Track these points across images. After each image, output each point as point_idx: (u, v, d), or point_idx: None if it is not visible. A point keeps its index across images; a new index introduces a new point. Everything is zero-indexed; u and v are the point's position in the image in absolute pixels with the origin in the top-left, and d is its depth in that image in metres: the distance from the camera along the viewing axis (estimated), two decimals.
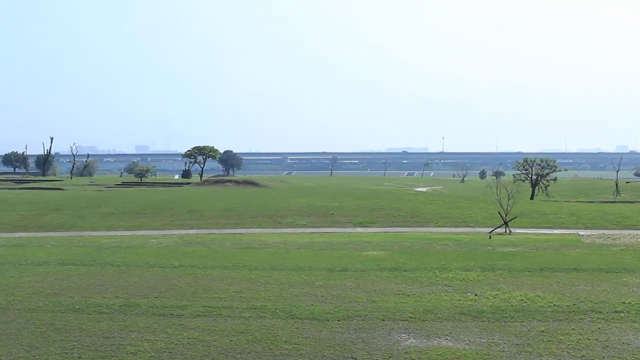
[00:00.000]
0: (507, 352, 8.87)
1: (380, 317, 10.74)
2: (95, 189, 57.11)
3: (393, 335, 9.70)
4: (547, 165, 45.87)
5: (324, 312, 10.97)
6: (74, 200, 37.59)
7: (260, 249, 19.25)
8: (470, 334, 9.80)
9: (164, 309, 11.26)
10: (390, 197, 39.47)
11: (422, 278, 14.10)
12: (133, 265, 15.89)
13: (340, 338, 9.54)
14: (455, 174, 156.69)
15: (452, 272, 14.72)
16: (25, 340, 9.38)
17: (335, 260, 16.63)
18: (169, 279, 13.92)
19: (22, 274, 14.64)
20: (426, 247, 19.55)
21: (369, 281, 13.77)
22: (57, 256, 17.70)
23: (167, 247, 19.84)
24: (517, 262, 16.31)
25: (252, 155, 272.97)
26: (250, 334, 9.70)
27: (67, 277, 14.32)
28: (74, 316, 10.81)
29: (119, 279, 13.98)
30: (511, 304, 11.66)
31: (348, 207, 33.02)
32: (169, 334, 9.71)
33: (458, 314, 10.91)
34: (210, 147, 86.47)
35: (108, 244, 20.78)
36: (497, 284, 13.49)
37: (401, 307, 11.37)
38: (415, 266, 15.62)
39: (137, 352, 8.82)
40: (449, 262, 16.17)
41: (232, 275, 14.36)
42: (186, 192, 45.95)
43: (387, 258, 17.13)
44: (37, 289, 12.92)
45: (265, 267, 15.46)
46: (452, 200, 38.19)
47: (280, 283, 13.51)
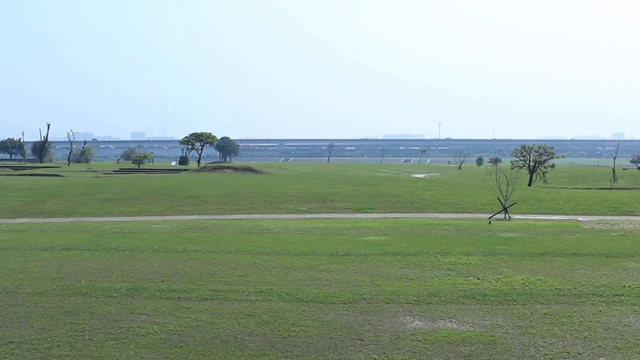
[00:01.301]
0: (511, 334, 9.02)
1: (385, 300, 10.89)
2: (93, 175, 57.10)
3: (398, 318, 9.84)
4: (544, 152, 45.99)
5: (330, 296, 11.11)
6: (73, 187, 37.65)
7: (262, 234, 19.37)
8: (474, 316, 9.95)
9: (170, 292, 11.39)
10: (388, 183, 39.61)
11: (425, 262, 14.25)
12: (137, 250, 16.02)
13: (347, 320, 9.68)
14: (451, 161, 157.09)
15: (454, 257, 14.87)
16: (36, 323, 9.51)
17: (338, 245, 16.77)
18: (173, 264, 14.05)
19: (27, 259, 14.75)
20: (427, 232, 19.69)
21: (372, 265, 13.91)
22: (61, 241, 17.80)
23: (170, 232, 19.95)
24: (517, 247, 16.46)
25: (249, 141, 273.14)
26: (258, 317, 9.83)
27: (72, 261, 14.44)
28: (82, 300, 10.93)
29: (124, 264, 14.10)
30: (513, 287, 11.81)
31: (347, 194, 33.15)
32: (178, 316, 9.84)
33: (462, 297, 11.06)
34: (208, 133, 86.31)
35: (110, 229, 20.89)
36: (499, 268, 13.64)
37: (405, 291, 11.51)
38: (417, 251, 15.77)
39: (147, 335, 8.95)
40: (450, 247, 16.32)
41: (236, 260, 14.49)
42: (185, 178, 46.00)
43: (389, 243, 17.27)
44: (44, 274, 13.03)
45: (269, 252, 15.59)
46: (451, 186, 38.34)
47: (285, 267, 13.64)
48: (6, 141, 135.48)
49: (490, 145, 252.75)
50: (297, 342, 8.65)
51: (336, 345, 8.53)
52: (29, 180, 44.41)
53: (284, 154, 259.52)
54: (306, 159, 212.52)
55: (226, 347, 8.43)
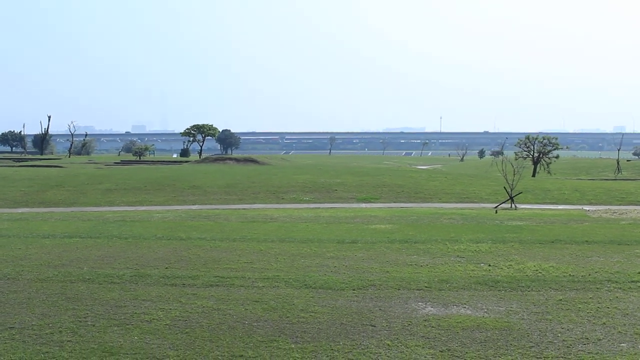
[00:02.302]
0: (527, 320, 8.74)
1: (395, 286, 10.61)
2: (94, 166, 56.82)
3: (410, 304, 9.56)
4: (549, 143, 45.65)
5: (338, 282, 10.83)
6: (74, 177, 37.38)
7: (266, 222, 19.10)
8: (488, 302, 9.68)
9: (175, 279, 11.10)
10: (392, 174, 39.32)
11: (434, 250, 13.98)
12: (140, 237, 15.74)
13: (357, 306, 9.40)
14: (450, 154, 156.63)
15: (463, 244, 14.59)
16: (37, 309, 9.23)
17: (344, 233, 16.49)
18: (177, 251, 13.77)
19: (28, 246, 14.48)
20: (433, 221, 19.41)
21: (380, 252, 13.63)
22: (63, 229, 17.54)
23: (173, 221, 19.67)
24: (527, 235, 16.18)
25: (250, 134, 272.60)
26: (265, 303, 9.55)
27: (74, 249, 14.17)
28: (84, 286, 10.66)
29: (127, 251, 13.83)
30: (526, 274, 11.53)
31: (351, 184, 32.85)
32: (183, 303, 9.56)
33: (474, 284, 10.78)
34: (209, 125, 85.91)
35: (112, 218, 20.61)
36: (510, 255, 13.36)
37: (416, 277, 11.23)
38: (425, 238, 15.49)
39: (152, 320, 8.67)
40: (458, 235, 16.04)
41: (241, 247, 14.21)
42: (187, 169, 45.70)
43: (395, 231, 16.99)
44: (46, 260, 12.76)
45: (274, 240, 15.31)
46: (455, 177, 38.04)
47: (291, 254, 13.36)
48: (7, 134, 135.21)
49: (491, 138, 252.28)
50: (306, 328, 8.38)
51: (347, 331, 8.25)
52: (30, 171, 44.17)
53: (285, 147, 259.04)
54: (307, 152, 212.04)
55: (234, 333, 8.15)
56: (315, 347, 7.65)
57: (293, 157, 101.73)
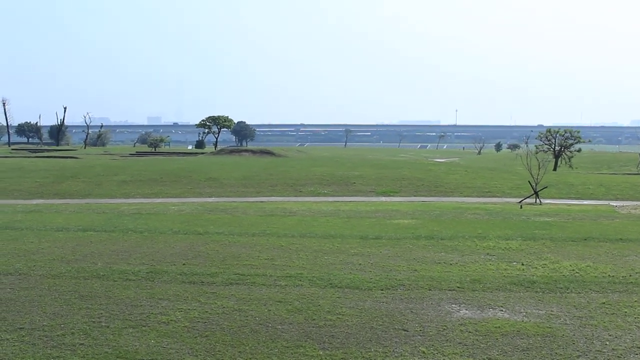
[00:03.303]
0: (570, 325, 8.13)
1: (425, 286, 10.02)
2: (110, 157, 56.58)
3: (443, 306, 8.98)
4: (570, 137, 44.73)
5: (365, 281, 10.26)
6: (89, 168, 37.05)
7: (285, 216, 18.54)
8: (526, 304, 9.07)
9: (193, 276, 10.58)
10: (411, 167, 38.64)
11: (462, 247, 13.36)
12: (156, 231, 15.23)
13: (387, 308, 8.83)
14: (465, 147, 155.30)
15: (491, 241, 13.96)
16: (49, 308, 8.74)
17: (367, 229, 15.90)
18: (195, 246, 13.25)
19: (41, 240, 14.03)
20: (458, 216, 18.77)
21: (406, 249, 13.04)
22: (77, 222, 17.09)
23: (189, 214, 19.17)
24: (557, 232, 15.51)
25: (264, 126, 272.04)
26: (289, 303, 9.00)
27: (88, 243, 13.69)
28: (98, 283, 10.16)
29: (142, 246, 13.32)
30: (562, 274, 10.90)
31: (369, 177, 32.25)
32: (202, 302, 9.03)
33: (508, 284, 10.17)
34: (225, 116, 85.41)
35: (127, 210, 20.15)
36: (542, 253, 12.72)
37: (446, 277, 10.64)
38: (451, 234, 14.87)
39: (169, 322, 8.15)
40: (485, 231, 15.40)
41: (261, 243, 13.67)
42: (203, 160, 45.28)
43: (420, 226, 16.38)
44: (58, 255, 12.29)
45: (295, 235, 14.75)
46: (475, 170, 37.30)
47: (313, 251, 12.80)
48: (23, 125, 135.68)
49: (507, 132, 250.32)
50: (334, 332, 7.82)
51: (378, 337, 7.68)
52: (46, 162, 43.94)
53: (300, 139, 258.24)
54: (322, 144, 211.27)
55: (257, 337, 7.61)
56: (344, 355, 7.09)
57: (308, 149, 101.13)
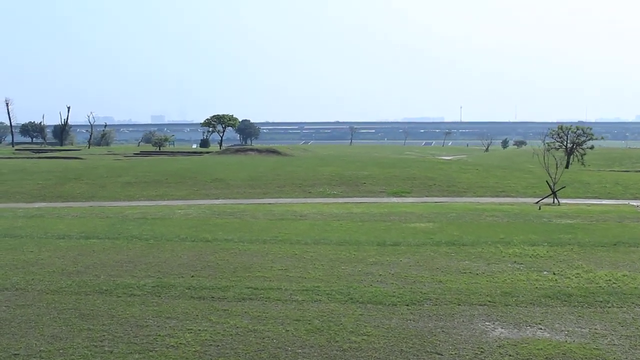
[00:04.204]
0: (619, 346, 7.39)
1: (454, 300, 9.28)
2: (114, 157, 55.90)
3: (476, 324, 8.24)
4: (583, 133, 43.84)
5: (388, 295, 9.52)
6: (93, 170, 36.35)
7: (296, 220, 17.79)
8: (566, 322, 8.32)
9: (202, 290, 9.85)
10: (420, 165, 37.83)
11: (486, 254, 12.60)
12: (162, 239, 14.49)
13: (415, 327, 8.09)
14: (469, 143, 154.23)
15: (517, 247, 13.19)
16: (47, 330, 8.03)
17: (383, 234, 15.14)
18: (203, 255, 12.51)
19: (41, 249, 13.31)
20: (476, 219, 18.00)
21: (427, 257, 12.29)
22: (79, 228, 16.37)
23: (196, 218, 18.43)
24: (583, 236, 14.72)
25: (268, 125, 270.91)
26: (309, 322, 8.27)
27: (91, 252, 12.96)
28: (101, 299, 9.44)
29: (148, 255, 12.59)
30: (599, 285, 10.14)
31: (379, 176, 31.47)
32: (213, 322, 8.30)
33: (543, 297, 9.42)
34: (230, 115, 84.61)
35: (132, 215, 19.43)
36: (572, 261, 11.96)
37: (474, 289, 9.89)
38: (473, 240, 14.10)
39: (178, 345, 7.43)
40: (508, 236, 14.63)
41: (273, 251, 12.92)
42: (208, 160, 44.56)
43: (438, 231, 15.62)
44: (59, 267, 11.57)
45: (308, 241, 14.00)
46: (487, 169, 36.48)
47: (329, 259, 12.05)
48: (27, 124, 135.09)
49: (512, 128, 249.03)
50: (361, 356, 7.10)
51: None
52: (49, 163, 43.26)
53: (304, 137, 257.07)
54: (327, 141, 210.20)
55: None
56: None
57: (314, 147, 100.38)
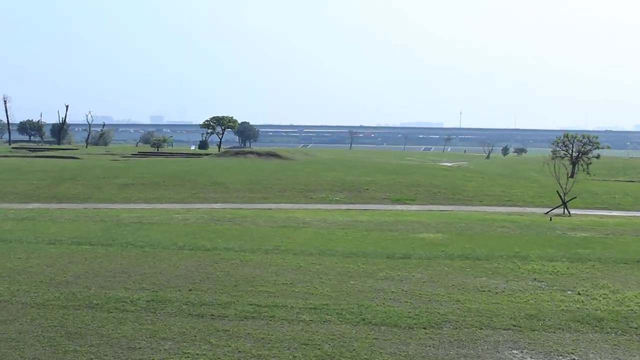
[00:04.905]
0: None
1: (475, 323, 8.51)
2: (111, 158, 55.08)
3: (503, 352, 7.47)
4: (589, 142, 43.12)
5: (403, 316, 8.74)
6: (89, 170, 35.55)
7: (299, 228, 17.02)
8: (600, 351, 7.57)
9: (201, 307, 9.07)
10: (424, 172, 37.06)
11: (503, 269, 11.84)
12: (158, 246, 13.69)
13: (436, 355, 7.33)
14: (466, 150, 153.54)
15: (535, 263, 12.42)
16: (29, 351, 7.26)
17: (391, 244, 14.37)
18: (202, 266, 11.73)
19: (30, 255, 12.51)
20: (486, 230, 17.25)
21: (440, 272, 11.52)
22: (72, 233, 15.57)
23: (195, 224, 17.64)
24: (603, 251, 13.96)
25: (267, 127, 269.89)
26: (318, 347, 7.50)
27: (82, 260, 12.16)
28: (90, 315, 8.65)
29: (143, 264, 11.80)
30: (630, 308, 9.38)
31: (382, 182, 30.72)
32: (213, 344, 7.52)
33: (571, 321, 8.65)
34: (229, 117, 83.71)
35: (128, 218, 18.64)
36: (596, 279, 11.20)
37: (496, 310, 9.12)
38: (486, 253, 13.34)
39: None
40: (524, 249, 13.86)
41: (276, 262, 12.14)
42: (207, 163, 43.76)
43: (448, 242, 14.85)
44: (47, 276, 10.78)
45: (313, 252, 13.22)
46: (492, 177, 35.74)
47: (337, 273, 11.28)
48: (25, 123, 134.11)
49: (511, 135, 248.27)
50: None
51: None
52: (44, 163, 42.45)
53: (303, 140, 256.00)
54: (326, 145, 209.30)
55: None
56: None
57: (314, 150, 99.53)
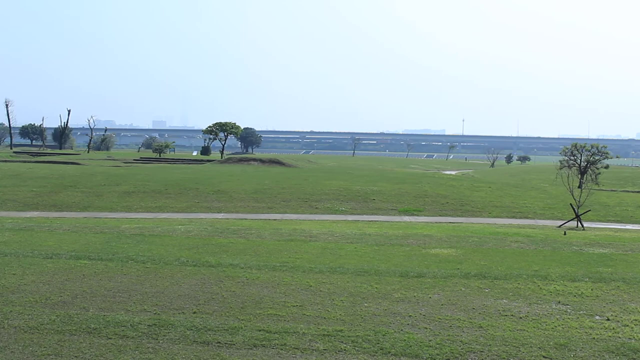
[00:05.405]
0: None
1: (502, 354, 7.88)
2: (113, 164, 54.51)
3: None
4: (597, 152, 42.49)
5: (424, 345, 8.12)
6: (90, 177, 34.97)
7: (306, 242, 16.40)
8: None
9: (207, 332, 8.44)
10: (430, 181, 36.44)
11: (524, 290, 11.21)
12: (160, 261, 13.07)
13: None
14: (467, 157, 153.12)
15: (556, 283, 11.79)
16: None
17: (403, 261, 13.75)
18: (207, 284, 11.11)
19: (26, 271, 11.90)
20: (500, 245, 16.62)
21: (458, 294, 10.89)
22: (70, 245, 14.96)
23: (198, 236, 17.02)
24: (625, 270, 13.33)
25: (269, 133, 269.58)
26: None
27: (80, 277, 11.54)
28: (87, 341, 8.03)
29: (144, 283, 11.18)
30: None
31: (389, 192, 30.13)
32: None
33: (605, 352, 8.02)
34: (232, 123, 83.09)
35: (128, 230, 18.04)
36: (624, 302, 10.57)
37: (522, 339, 8.49)
38: (504, 272, 12.71)
39: None
40: (543, 268, 13.24)
41: (285, 281, 11.51)
42: (210, 170, 43.16)
43: (462, 259, 14.23)
44: (43, 295, 10.16)
45: (323, 269, 12.59)
46: (499, 187, 35.11)
47: (349, 294, 10.65)
48: (27, 126, 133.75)
49: (513, 142, 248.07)
50: None
51: None
52: (45, 169, 41.87)
53: (305, 146, 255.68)
54: (328, 151, 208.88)
55: None
56: None
57: (317, 157, 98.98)
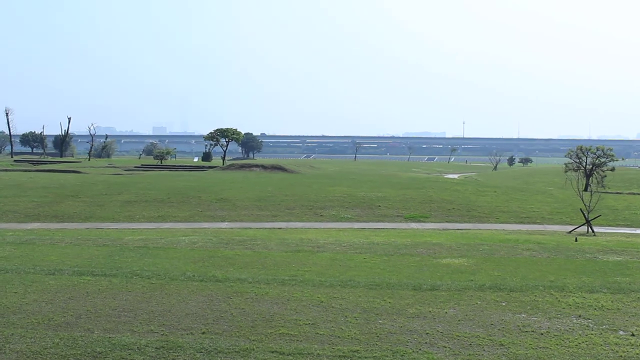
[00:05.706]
0: None
1: None
2: (114, 171, 54.19)
3: None
4: (603, 154, 42.19)
5: None
6: (91, 186, 34.64)
7: (314, 252, 16.04)
8: None
9: (217, 355, 8.09)
10: (435, 186, 36.11)
11: (541, 303, 10.85)
12: (166, 277, 12.70)
13: None
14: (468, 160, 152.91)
15: (574, 295, 11.43)
16: None
17: (415, 273, 13.39)
18: (215, 301, 10.75)
19: (27, 289, 11.53)
20: (512, 254, 16.26)
21: (475, 308, 10.53)
22: (73, 260, 14.60)
23: (203, 248, 16.66)
24: None
25: (270, 137, 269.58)
26: None
27: (84, 294, 11.18)
28: None
29: (150, 300, 10.82)
30: None
31: (393, 198, 29.80)
32: None
33: None
34: (234, 129, 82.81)
35: (132, 242, 17.68)
36: None
37: (546, 357, 8.15)
38: (519, 284, 12.34)
39: None
40: (559, 278, 12.87)
41: (295, 296, 11.15)
42: (212, 177, 42.81)
43: (475, 269, 13.87)
44: (46, 316, 9.80)
45: (333, 283, 12.23)
46: (504, 191, 34.76)
47: (362, 310, 10.30)
48: (27, 134, 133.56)
49: (514, 144, 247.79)
50: None
51: None
52: (46, 178, 41.54)
53: (306, 150, 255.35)
54: (329, 155, 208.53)
55: None
56: None
57: (318, 162, 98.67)
